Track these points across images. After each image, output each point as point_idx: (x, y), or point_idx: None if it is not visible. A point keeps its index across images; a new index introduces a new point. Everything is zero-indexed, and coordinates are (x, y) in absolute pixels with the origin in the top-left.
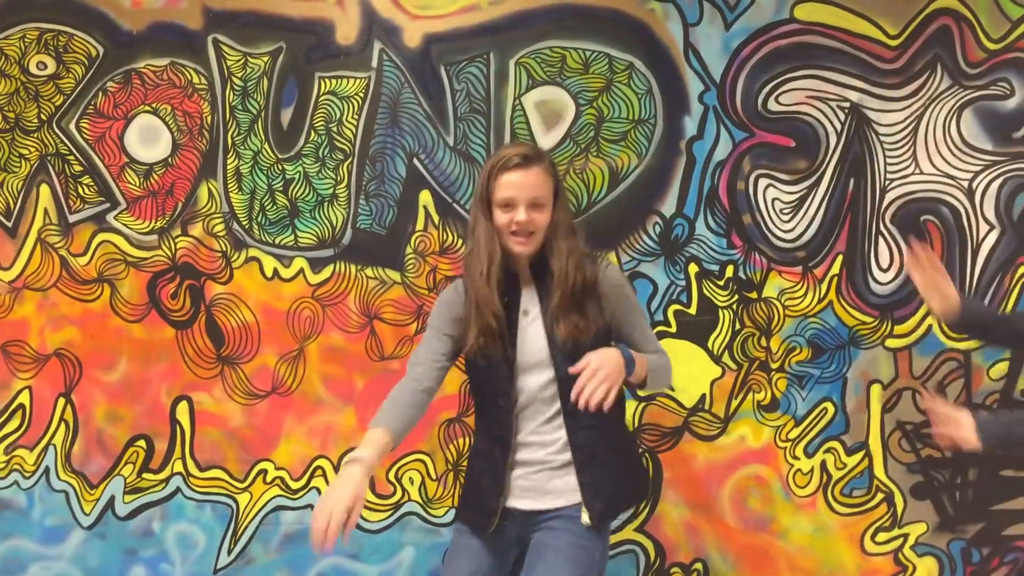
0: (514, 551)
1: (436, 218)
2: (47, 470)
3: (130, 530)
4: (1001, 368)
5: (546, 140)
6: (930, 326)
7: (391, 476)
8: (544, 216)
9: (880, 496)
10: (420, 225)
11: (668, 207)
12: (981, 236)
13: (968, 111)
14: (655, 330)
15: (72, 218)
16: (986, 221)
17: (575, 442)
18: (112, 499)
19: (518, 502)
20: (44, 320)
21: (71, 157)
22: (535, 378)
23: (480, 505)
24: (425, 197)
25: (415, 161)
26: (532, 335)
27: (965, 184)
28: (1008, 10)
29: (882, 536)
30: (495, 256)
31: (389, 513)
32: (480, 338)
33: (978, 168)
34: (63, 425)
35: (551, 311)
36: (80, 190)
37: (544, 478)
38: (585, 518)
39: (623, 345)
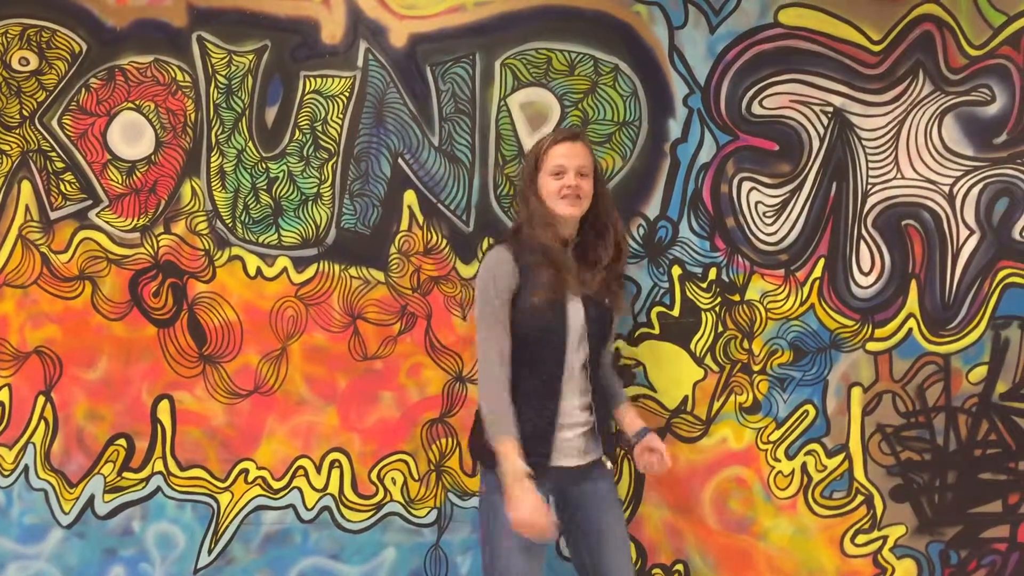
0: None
1: (420, 218)
2: (26, 468)
3: (110, 529)
4: (980, 372)
5: (531, 141)
6: (910, 330)
7: (373, 476)
8: (588, 185)
9: (860, 498)
10: (404, 225)
11: (652, 209)
12: (961, 241)
13: (949, 117)
14: (638, 332)
15: (54, 215)
16: (966, 226)
17: (595, 397)
18: (92, 498)
19: (560, 461)
20: (24, 317)
21: (53, 154)
22: (576, 348)
23: (540, 443)
24: (410, 197)
25: (400, 161)
26: (575, 304)
27: (946, 189)
28: (990, 17)
29: (862, 538)
30: (553, 218)
31: (371, 513)
32: (548, 299)
33: (959, 173)
34: (43, 423)
35: (593, 282)
36: (62, 187)
37: (573, 435)
38: (607, 464)
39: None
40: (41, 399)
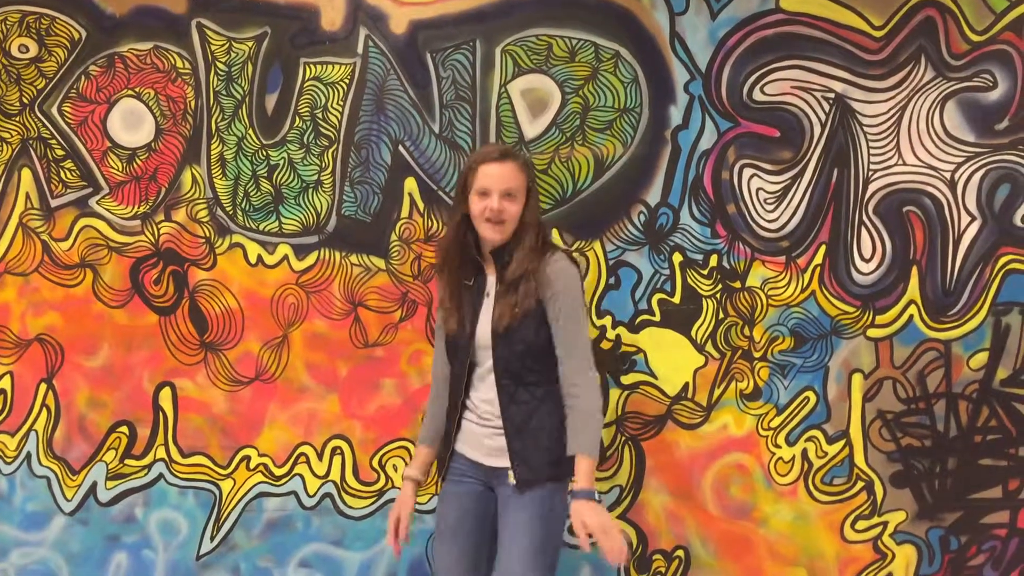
0: (491, 497)
1: (421, 205)
2: (28, 456)
3: (112, 516)
4: (981, 358)
5: (531, 128)
6: (911, 316)
7: (374, 463)
8: (515, 207)
9: (860, 484)
10: (405, 212)
11: (653, 196)
12: (963, 227)
13: (951, 103)
14: (639, 319)
15: (54, 203)
16: (968, 212)
17: (506, 413)
18: (94, 485)
19: (465, 450)
20: (25, 305)
21: (53, 141)
22: (484, 353)
23: (441, 455)
24: (410, 184)
25: (400, 148)
26: (485, 317)
27: (947, 175)
28: (992, 2)
29: (862, 524)
30: (455, 243)
31: (372, 500)
32: (453, 313)
33: (960, 159)
34: (45, 411)
35: (499, 293)
36: (62, 174)
37: (484, 434)
38: (511, 478)
39: (582, 491)
40: (43, 387)
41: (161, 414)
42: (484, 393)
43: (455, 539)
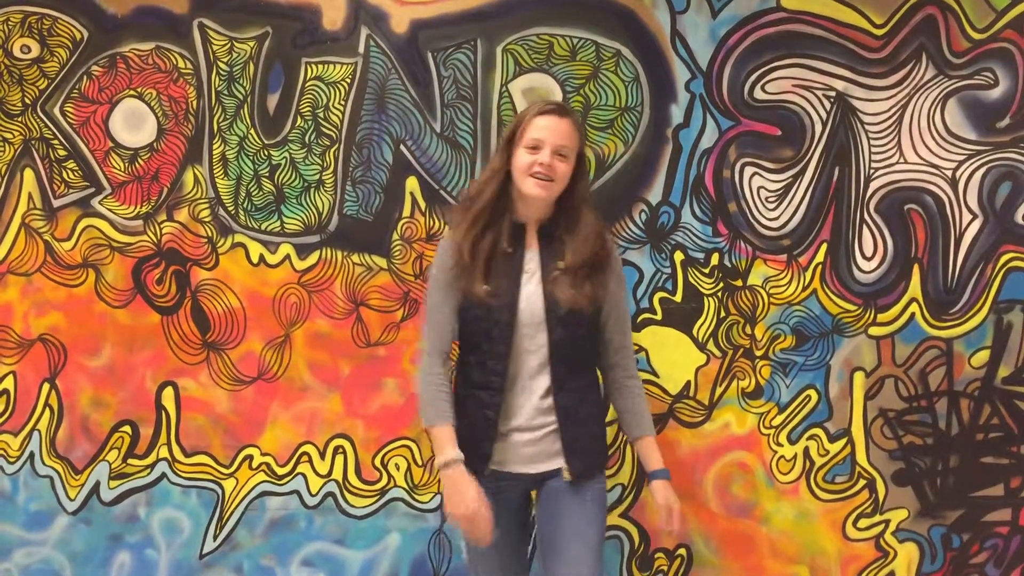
0: (526, 504)
1: (423, 204)
2: (31, 456)
3: (115, 516)
4: (982, 356)
5: None
6: (912, 314)
7: (377, 462)
8: (565, 167)
9: (862, 482)
10: (407, 212)
11: (654, 195)
12: (964, 225)
13: (952, 101)
14: (640, 317)
15: (56, 203)
16: (969, 210)
17: (557, 400)
18: (97, 484)
19: (509, 466)
20: (28, 305)
21: (55, 141)
22: (530, 331)
23: (476, 448)
24: (412, 184)
25: (402, 147)
26: (530, 294)
27: (949, 173)
28: (993, 0)
29: (864, 522)
30: (495, 199)
31: (375, 499)
32: (484, 283)
33: (962, 157)
34: (48, 410)
35: (560, 274)
36: (64, 175)
37: (527, 444)
38: (566, 475)
39: (663, 471)
40: (46, 386)
41: (164, 414)
42: (525, 378)
43: (500, 557)
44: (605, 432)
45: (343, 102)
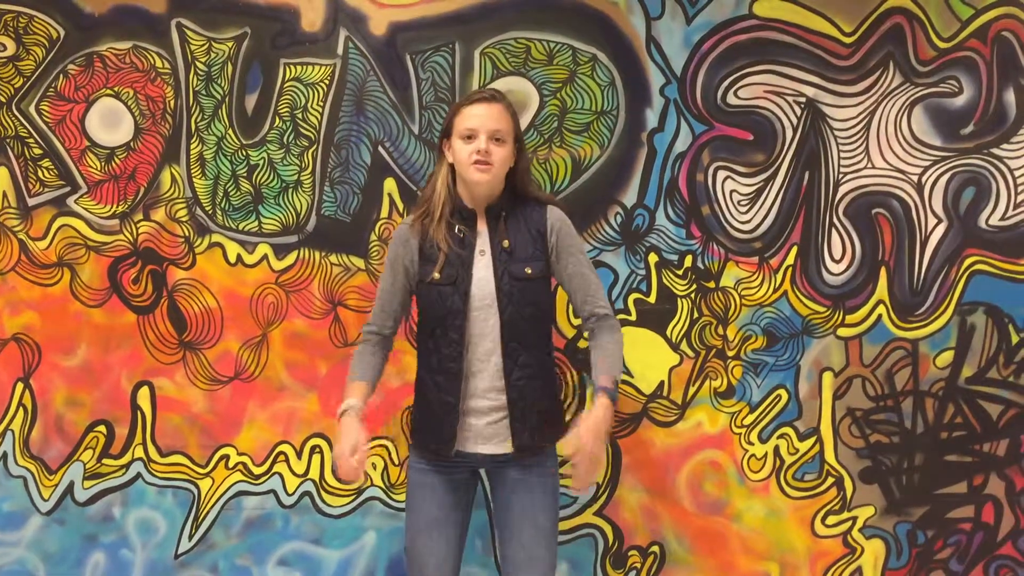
0: (473, 483)
1: (400, 206)
2: (5, 455)
3: (90, 516)
4: (947, 357)
5: None
6: (880, 316)
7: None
8: (503, 151)
9: (830, 480)
10: (384, 212)
11: (629, 198)
12: (929, 229)
13: (919, 108)
14: (615, 318)
15: (31, 201)
16: (934, 215)
17: (511, 378)
18: (71, 484)
19: (467, 447)
20: (2, 304)
21: (31, 140)
22: (482, 314)
23: (438, 431)
24: (390, 185)
25: (380, 149)
26: (481, 277)
27: (915, 178)
28: (958, 10)
29: (832, 519)
30: (444, 193)
31: (352, 498)
32: (437, 271)
33: (927, 163)
34: (21, 410)
35: (507, 254)
36: (40, 173)
37: (485, 425)
38: (508, 447)
39: (603, 390)
40: (20, 386)
41: (139, 413)
42: (480, 358)
43: (443, 531)
44: (558, 409)
45: (321, 103)
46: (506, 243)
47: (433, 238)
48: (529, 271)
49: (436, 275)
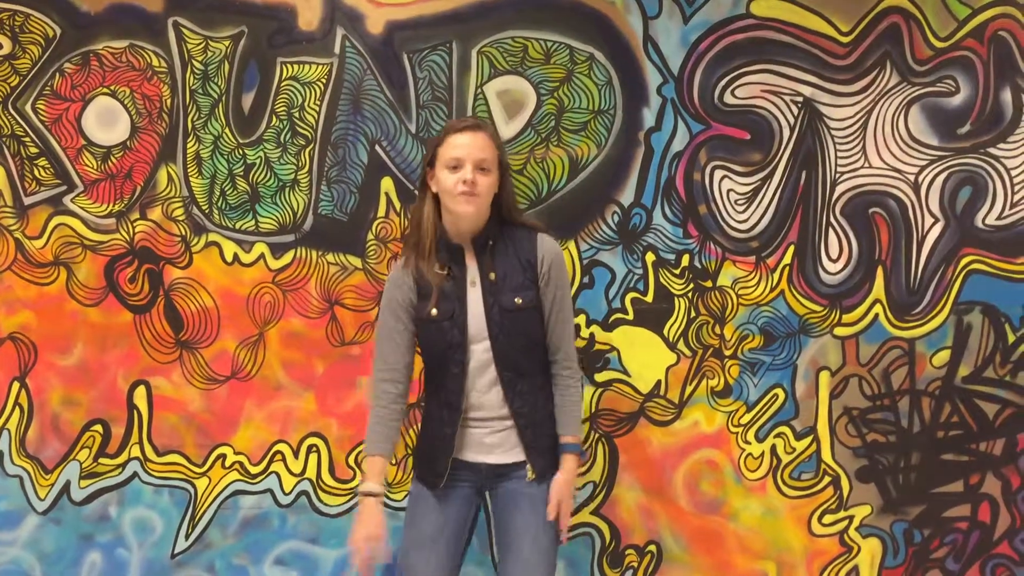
0: (475, 502)
1: (397, 205)
2: (1, 455)
3: (86, 515)
4: (943, 356)
5: (507, 129)
6: (876, 315)
7: (351, 461)
8: (488, 180)
9: (827, 479)
10: (381, 212)
11: (626, 197)
12: (926, 228)
13: (915, 107)
14: (612, 317)
15: (28, 200)
16: (931, 214)
17: (513, 407)
18: (68, 484)
19: (466, 454)
20: None
21: (27, 139)
22: (480, 346)
23: (431, 465)
24: (387, 184)
25: (377, 148)
26: (477, 307)
27: (911, 178)
28: (955, 10)
29: (828, 518)
30: (432, 227)
31: (348, 497)
32: (434, 307)
33: (924, 162)
34: (17, 409)
35: (495, 285)
36: (36, 172)
37: (489, 434)
38: (530, 474)
39: (570, 447)
40: (16, 385)
41: (136, 413)
42: (480, 390)
43: (435, 546)
44: (555, 432)
45: (318, 102)
46: (492, 275)
47: (425, 276)
48: (519, 301)
49: (434, 311)
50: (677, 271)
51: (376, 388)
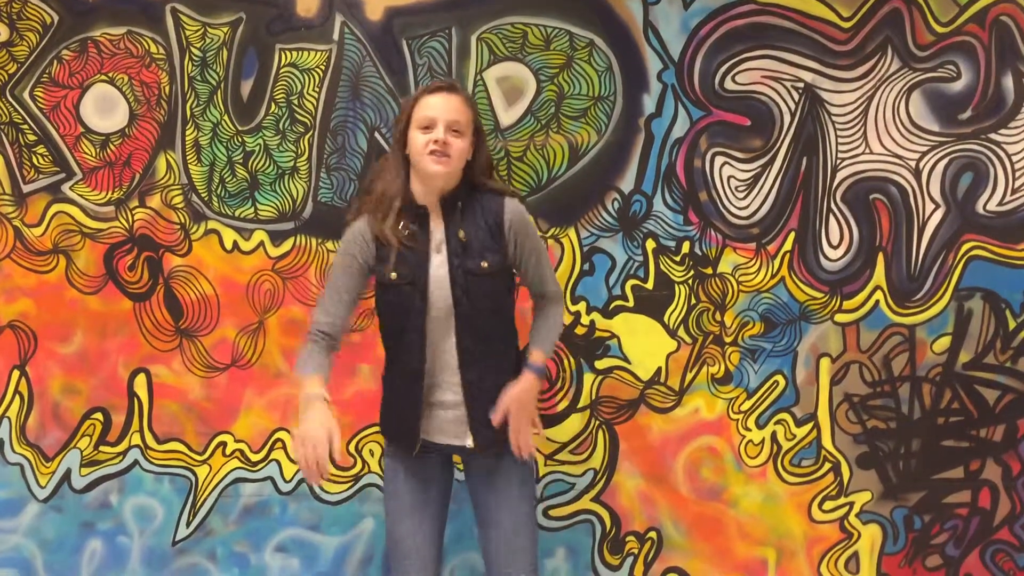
0: (448, 471)
1: None
2: (1, 443)
3: (87, 503)
4: (944, 342)
5: (507, 116)
6: (877, 301)
7: (351, 448)
8: (461, 143)
9: (827, 466)
10: None
11: (627, 183)
12: (927, 215)
13: (916, 93)
14: (612, 304)
15: (26, 188)
16: (932, 200)
17: (465, 377)
18: (68, 472)
19: (434, 437)
20: None
21: (25, 126)
22: (441, 311)
23: (404, 433)
24: None
25: (376, 135)
26: (441, 272)
27: (912, 164)
28: None
29: (829, 504)
30: (398, 189)
31: (349, 485)
32: (393, 271)
33: (925, 148)
34: (18, 398)
35: (462, 248)
36: (34, 160)
37: (450, 418)
38: (470, 443)
39: (531, 365)
40: (16, 373)
41: (136, 400)
42: (438, 356)
43: (423, 515)
44: None
45: (317, 89)
46: (462, 234)
47: (387, 235)
48: (485, 264)
49: (393, 275)
50: (677, 258)
51: (312, 331)
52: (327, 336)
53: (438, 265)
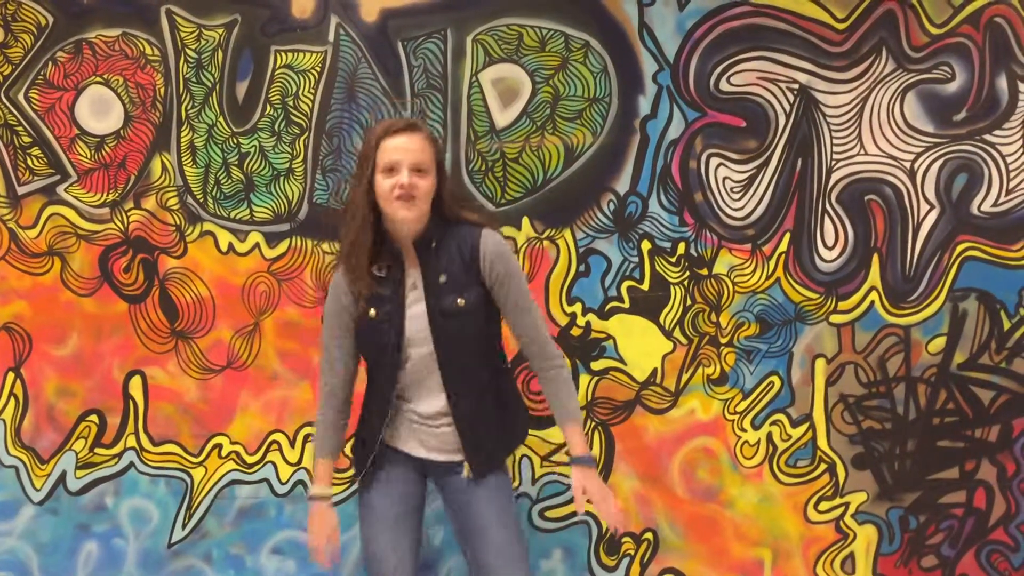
0: (422, 481)
1: None
2: None
3: (82, 505)
4: (939, 343)
5: (502, 117)
6: (872, 302)
7: (347, 450)
8: (425, 183)
9: (823, 466)
10: None
11: (622, 185)
12: (922, 215)
13: (911, 94)
14: (608, 305)
15: (21, 190)
16: (927, 201)
17: (457, 411)
18: (64, 474)
19: (407, 447)
20: None
21: (20, 128)
22: (420, 350)
23: (364, 450)
24: None
25: None
26: (418, 310)
27: (907, 165)
28: None
29: (824, 505)
30: (366, 229)
31: (345, 487)
32: (373, 308)
33: (920, 149)
34: (12, 400)
35: (440, 286)
36: (29, 162)
37: (430, 435)
38: (466, 471)
39: (583, 458)
40: (11, 376)
41: (131, 402)
42: (424, 391)
43: (395, 528)
44: (511, 425)
45: (313, 90)
46: (443, 278)
47: (362, 281)
48: (461, 302)
49: (372, 312)
50: (673, 259)
51: (322, 392)
52: (337, 395)
53: (414, 303)
